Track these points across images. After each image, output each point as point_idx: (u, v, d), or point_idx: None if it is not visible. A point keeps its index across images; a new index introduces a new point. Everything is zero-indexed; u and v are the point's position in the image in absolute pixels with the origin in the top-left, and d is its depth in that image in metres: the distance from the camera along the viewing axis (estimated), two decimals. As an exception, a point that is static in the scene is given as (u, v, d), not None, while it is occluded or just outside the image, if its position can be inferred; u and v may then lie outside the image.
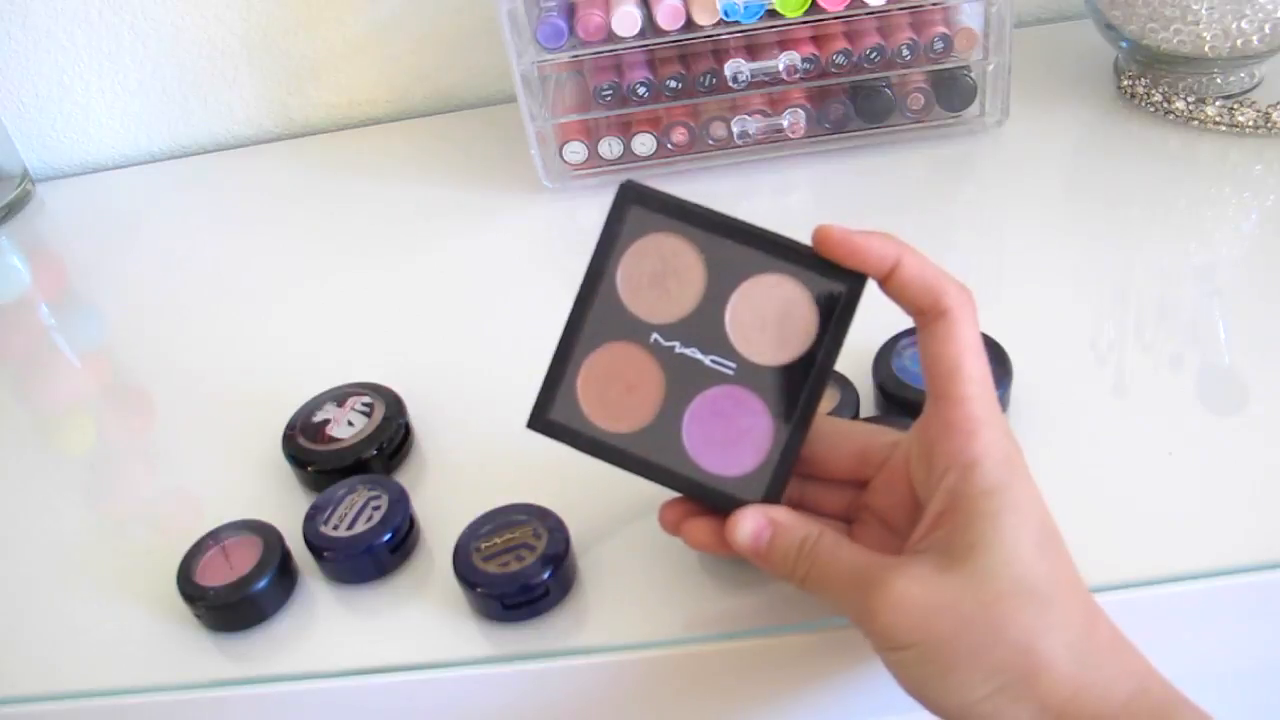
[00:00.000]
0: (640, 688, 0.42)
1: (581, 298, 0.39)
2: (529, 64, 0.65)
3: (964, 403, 0.35)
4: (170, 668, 0.44)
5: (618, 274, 0.39)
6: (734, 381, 0.39)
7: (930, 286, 0.36)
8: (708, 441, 0.39)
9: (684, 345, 0.39)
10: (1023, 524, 0.34)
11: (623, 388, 0.39)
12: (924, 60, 0.65)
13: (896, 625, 0.34)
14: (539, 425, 0.40)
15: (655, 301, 0.39)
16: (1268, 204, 0.60)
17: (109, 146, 0.86)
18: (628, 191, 0.39)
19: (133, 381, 0.63)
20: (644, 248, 0.39)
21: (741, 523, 0.38)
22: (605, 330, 0.39)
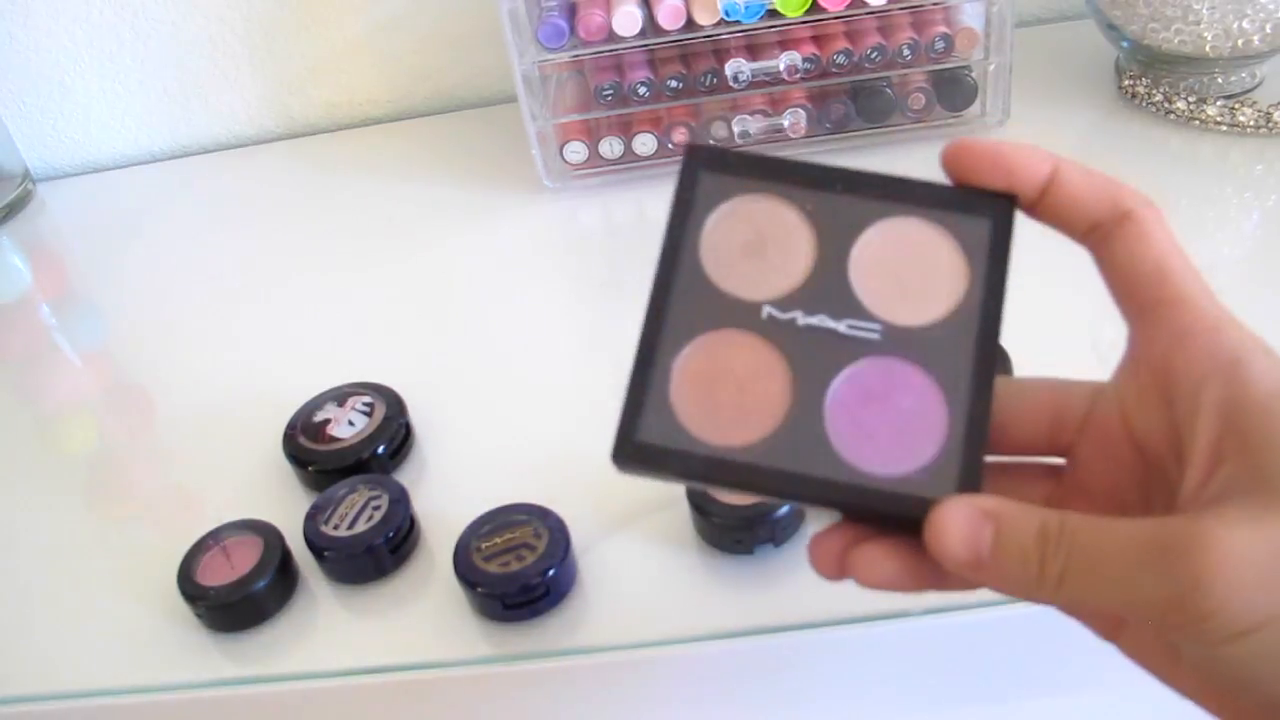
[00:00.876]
0: (640, 688, 0.42)
1: (659, 286, 0.31)
2: (530, 64, 0.65)
3: (1189, 300, 0.28)
4: (170, 668, 0.44)
5: (700, 251, 0.31)
6: (882, 351, 0.30)
7: (1103, 190, 0.29)
8: (863, 435, 0.29)
9: (808, 314, 0.30)
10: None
11: (733, 388, 0.30)
12: (925, 60, 0.65)
13: (1237, 597, 0.23)
14: (629, 454, 0.29)
15: (755, 274, 0.31)
16: (1269, 204, 0.60)
17: (110, 146, 0.86)
18: (696, 156, 0.32)
19: (133, 381, 0.63)
20: (727, 216, 0.32)
21: (946, 526, 0.27)
22: (697, 319, 0.31)
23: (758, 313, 0.31)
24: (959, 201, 0.31)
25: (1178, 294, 0.28)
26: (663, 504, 0.46)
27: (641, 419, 0.30)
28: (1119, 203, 0.29)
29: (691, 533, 0.45)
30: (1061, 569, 0.26)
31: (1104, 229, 0.29)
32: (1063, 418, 0.31)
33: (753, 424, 0.30)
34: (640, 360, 0.30)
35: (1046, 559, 0.26)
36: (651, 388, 0.30)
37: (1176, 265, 0.28)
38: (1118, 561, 0.25)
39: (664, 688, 0.43)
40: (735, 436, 0.30)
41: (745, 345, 0.30)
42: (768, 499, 0.31)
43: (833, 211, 0.31)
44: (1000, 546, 0.27)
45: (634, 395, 0.30)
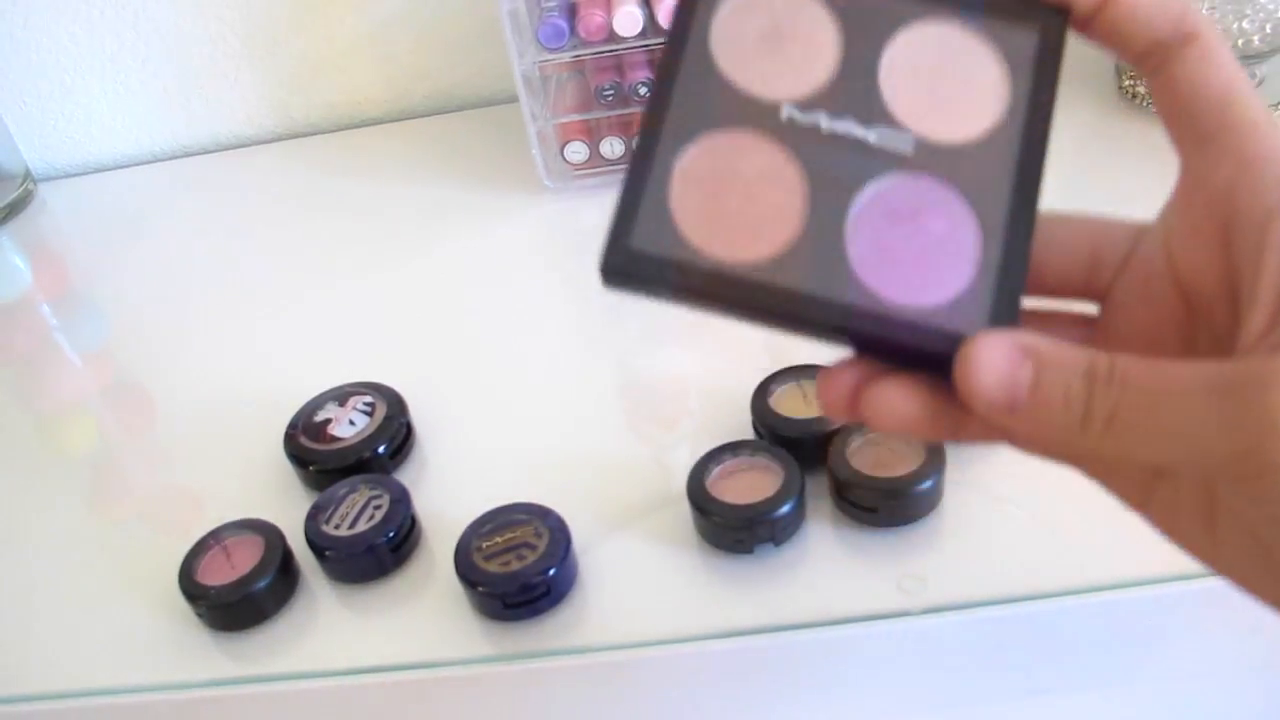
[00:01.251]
0: (640, 687, 0.42)
1: (663, 75, 0.27)
2: (530, 64, 0.65)
3: (1260, 126, 0.25)
4: (171, 667, 0.44)
5: (710, 37, 0.27)
6: (913, 167, 0.27)
7: (1167, 7, 0.26)
8: (888, 259, 0.26)
9: (833, 117, 0.27)
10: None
11: (741, 195, 0.26)
12: (925, 60, 0.65)
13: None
14: (620, 264, 0.26)
15: (773, 70, 0.27)
16: (1269, 204, 0.60)
17: (111, 146, 0.86)
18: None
19: (134, 381, 0.63)
20: (741, 2, 0.28)
21: (980, 362, 0.24)
22: (704, 115, 0.27)
23: (776, 113, 0.27)
24: (1006, 9, 0.28)
25: (1245, 118, 0.25)
26: (663, 504, 0.46)
27: (636, 224, 0.26)
28: (1183, 22, 0.26)
29: (691, 532, 0.45)
30: (1111, 412, 0.23)
31: (1165, 50, 0.26)
32: (1101, 257, 0.29)
33: (762, 237, 0.26)
34: (637, 157, 0.27)
35: (1095, 401, 0.23)
36: (649, 190, 0.26)
37: (1243, 90, 0.26)
38: (1179, 405, 0.23)
39: (664, 688, 0.43)
40: (742, 250, 0.26)
41: (758, 149, 0.27)
42: (773, 325, 0.26)
43: (863, 7, 0.28)
44: (1042, 386, 0.24)
45: (629, 197, 0.26)
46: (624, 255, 0.26)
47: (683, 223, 0.26)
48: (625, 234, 0.26)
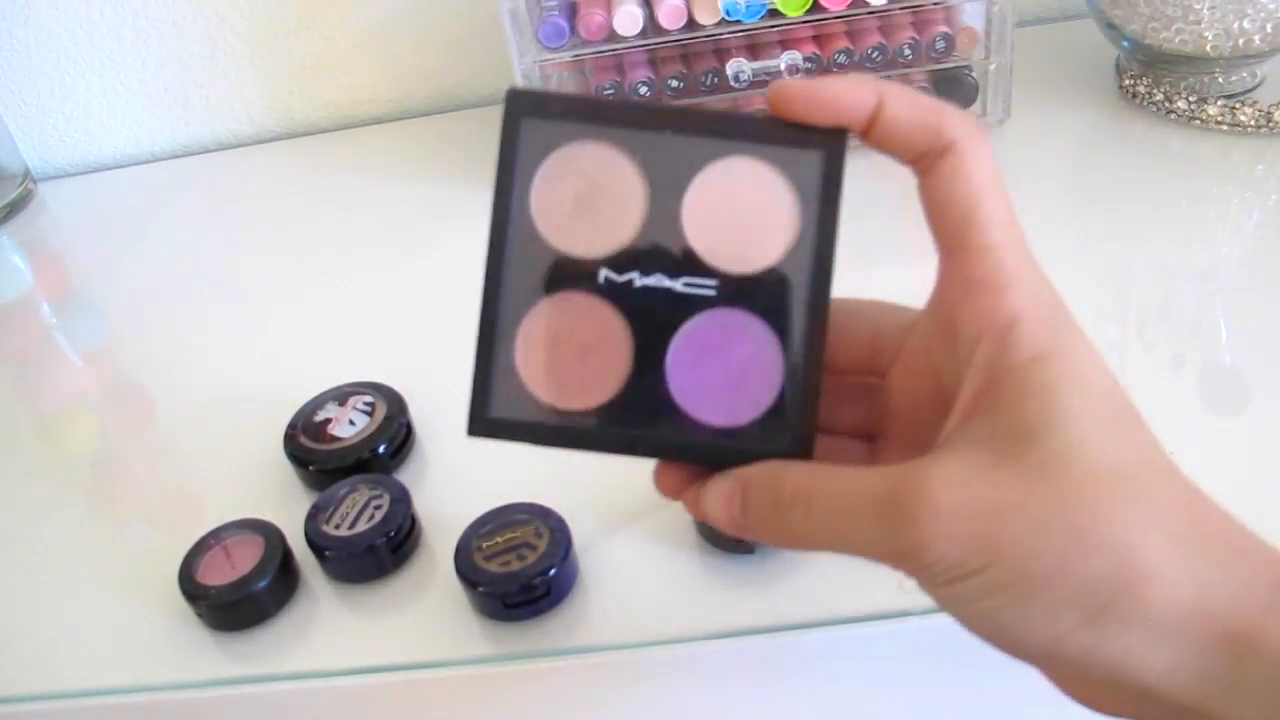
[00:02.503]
0: (640, 688, 0.42)
1: (494, 251, 0.30)
2: (530, 63, 0.65)
3: (987, 252, 0.28)
4: (171, 667, 0.44)
5: (531, 207, 0.30)
6: (719, 304, 0.30)
7: (926, 120, 0.28)
8: (703, 389, 0.30)
9: (644, 274, 0.30)
10: (1089, 393, 0.27)
11: (577, 351, 0.30)
12: (926, 60, 0.65)
13: (950, 546, 0.25)
14: (481, 429, 0.31)
15: (589, 230, 0.30)
16: (1269, 203, 0.60)
17: (111, 145, 0.86)
18: (516, 102, 0.30)
19: (134, 381, 0.63)
20: (556, 167, 0.30)
21: (707, 495, 0.30)
22: (535, 285, 0.30)
23: (595, 275, 0.30)
24: (790, 137, 0.30)
25: (981, 242, 0.28)
26: (663, 504, 0.46)
27: (491, 393, 0.31)
28: (941, 133, 0.28)
29: (692, 533, 0.45)
30: (801, 520, 0.28)
31: (927, 160, 0.29)
32: (880, 345, 0.32)
33: (597, 388, 0.30)
34: (483, 332, 0.31)
35: (786, 513, 0.28)
36: (497, 359, 0.31)
37: (984, 211, 0.28)
38: (847, 513, 0.27)
39: (664, 688, 0.43)
40: (582, 401, 0.30)
41: (586, 307, 0.30)
42: (624, 456, 0.30)
43: (664, 155, 0.30)
44: (748, 508, 0.29)
45: (482, 368, 0.31)
46: (485, 423, 0.31)
47: (531, 382, 0.30)
48: (484, 405, 0.31)
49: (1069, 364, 0.27)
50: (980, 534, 0.25)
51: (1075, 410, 0.26)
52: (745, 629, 0.41)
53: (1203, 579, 0.25)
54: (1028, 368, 0.27)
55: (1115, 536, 0.25)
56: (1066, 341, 0.27)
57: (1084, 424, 0.26)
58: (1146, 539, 0.25)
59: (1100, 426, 0.26)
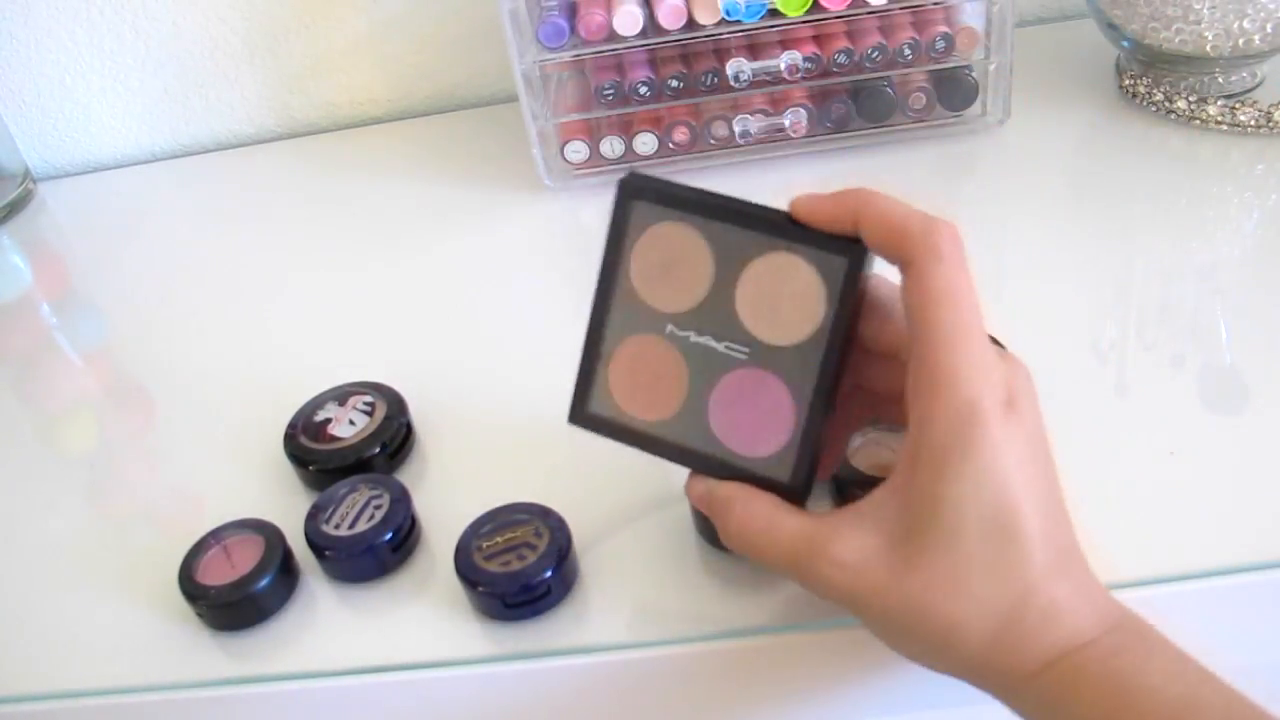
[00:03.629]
0: (640, 688, 0.42)
1: (600, 294, 0.40)
2: (530, 63, 0.65)
3: (923, 359, 0.33)
4: (171, 667, 0.44)
5: (631, 268, 0.40)
6: (751, 365, 0.39)
7: (889, 238, 0.34)
8: (733, 425, 0.39)
9: (699, 334, 0.39)
10: (968, 507, 0.33)
11: (650, 377, 0.40)
12: (926, 60, 0.65)
13: (831, 597, 0.36)
14: (580, 419, 0.41)
15: (668, 292, 0.39)
16: (1269, 203, 0.60)
17: (110, 145, 0.86)
18: (627, 186, 0.39)
19: (134, 380, 0.63)
20: (652, 239, 0.39)
21: (695, 483, 0.40)
22: (626, 324, 0.40)
23: (664, 325, 0.40)
24: (826, 242, 0.37)
25: (918, 350, 0.34)
26: (663, 504, 0.46)
27: (590, 395, 0.41)
28: (902, 249, 0.34)
29: (692, 533, 0.45)
30: (738, 542, 0.38)
31: (901, 267, 0.35)
32: None
33: (661, 407, 0.40)
34: (588, 351, 0.41)
35: (727, 529, 0.38)
36: (596, 372, 0.41)
37: (930, 317, 0.33)
38: (772, 553, 0.37)
39: (664, 688, 0.43)
40: (650, 414, 0.40)
41: (659, 348, 0.40)
42: (673, 462, 0.40)
43: (731, 243, 0.38)
44: (710, 506, 0.39)
45: (584, 376, 0.41)
46: (584, 416, 0.41)
47: (616, 394, 0.41)
48: (586, 402, 0.41)
49: (962, 474, 0.33)
50: (853, 599, 0.35)
51: (950, 521, 0.33)
52: (745, 629, 0.41)
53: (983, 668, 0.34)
54: (929, 470, 0.33)
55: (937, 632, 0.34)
56: (967, 449, 0.33)
57: (954, 536, 0.33)
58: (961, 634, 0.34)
59: (968, 544, 0.33)
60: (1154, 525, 0.42)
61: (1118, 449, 0.46)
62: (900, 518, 0.34)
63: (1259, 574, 0.40)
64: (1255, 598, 0.41)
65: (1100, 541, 0.39)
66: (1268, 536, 0.41)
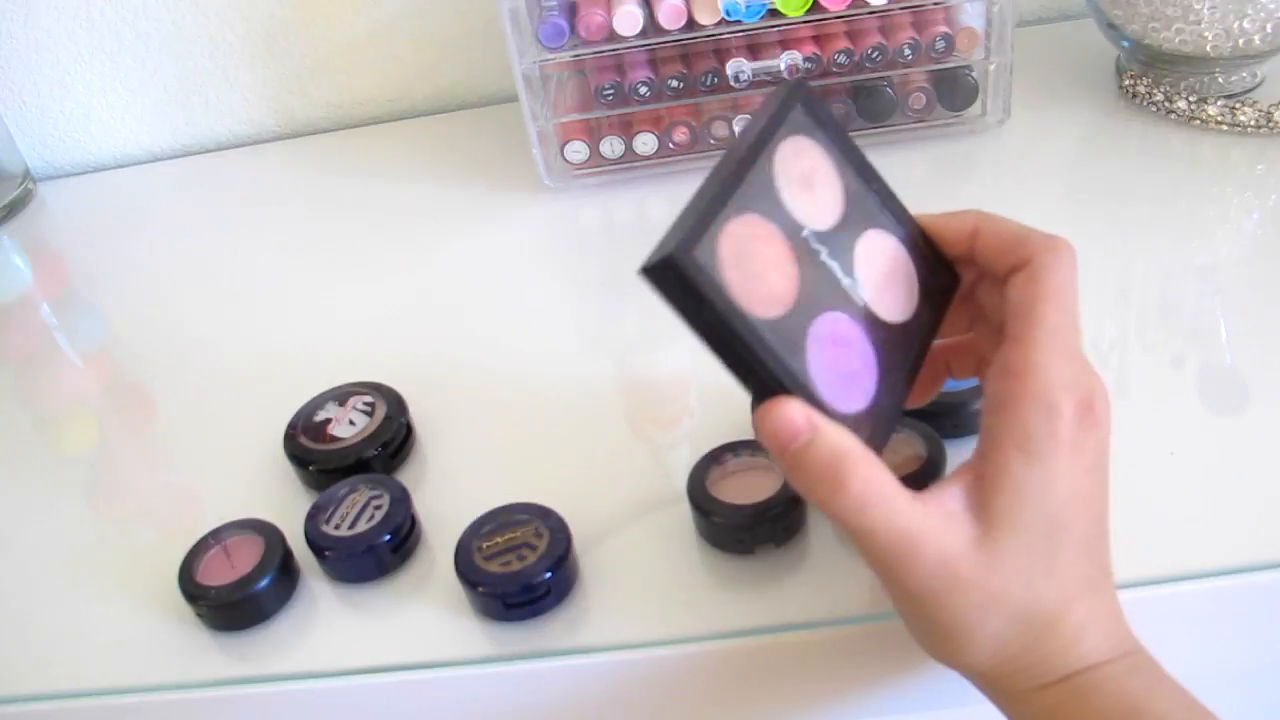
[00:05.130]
0: (640, 688, 0.42)
1: (737, 157, 0.35)
2: (530, 63, 0.65)
3: (1024, 344, 0.34)
4: (171, 667, 0.44)
5: (775, 156, 0.37)
6: (859, 316, 0.36)
7: (1013, 238, 0.37)
8: (825, 365, 0.35)
9: (830, 255, 0.36)
10: (1043, 500, 0.33)
11: (758, 266, 0.34)
12: (925, 60, 0.65)
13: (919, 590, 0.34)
14: (678, 260, 0.32)
15: (803, 200, 0.37)
16: (1269, 203, 0.60)
17: (111, 146, 0.86)
18: (798, 89, 0.38)
19: (134, 381, 0.63)
20: (798, 147, 0.37)
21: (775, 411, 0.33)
22: (757, 201, 0.35)
23: (799, 229, 0.36)
24: (931, 258, 0.39)
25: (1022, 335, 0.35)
26: (663, 504, 0.46)
27: (699, 244, 0.33)
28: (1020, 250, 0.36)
29: (692, 533, 0.45)
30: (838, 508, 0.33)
31: (1012, 272, 0.37)
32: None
33: (760, 302, 0.34)
34: (704, 199, 0.34)
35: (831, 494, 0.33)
36: (711, 227, 0.34)
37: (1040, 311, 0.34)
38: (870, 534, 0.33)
39: (664, 688, 0.43)
40: (746, 302, 0.33)
41: (779, 243, 0.35)
42: (733, 363, 0.34)
43: (861, 199, 0.38)
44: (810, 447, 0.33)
45: (695, 222, 0.33)
46: (688, 260, 0.32)
47: (723, 260, 0.33)
48: (688, 246, 0.32)
49: (1038, 474, 0.33)
50: (937, 595, 0.33)
51: (1028, 511, 0.33)
52: (745, 629, 0.41)
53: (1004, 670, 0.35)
54: (1011, 459, 0.33)
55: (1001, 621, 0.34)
56: (1043, 448, 0.33)
57: (1032, 526, 0.33)
58: (1018, 621, 0.34)
59: (1027, 555, 0.33)
60: (1154, 525, 0.42)
61: (1118, 449, 0.46)
62: (989, 504, 0.34)
63: (1259, 574, 0.40)
64: (1255, 598, 0.41)
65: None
66: (1268, 536, 0.41)
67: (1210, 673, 0.42)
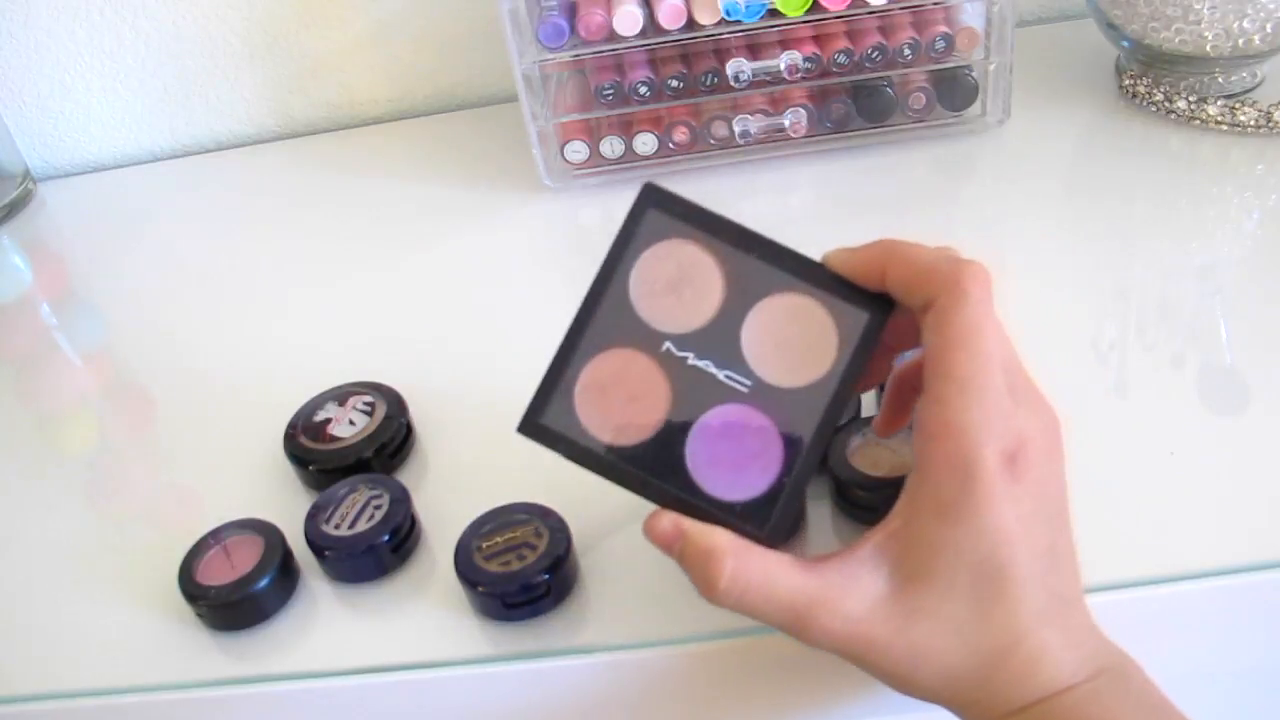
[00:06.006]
0: (640, 688, 0.42)
1: (590, 298, 0.37)
2: (530, 63, 0.65)
3: (933, 403, 0.33)
4: (171, 667, 0.44)
5: (631, 277, 0.37)
6: (747, 400, 0.36)
7: (918, 274, 0.35)
8: (712, 463, 0.36)
9: (698, 357, 0.36)
10: (962, 558, 0.33)
11: (625, 397, 0.37)
12: (925, 60, 0.65)
13: (833, 649, 0.35)
14: (529, 430, 0.37)
15: (669, 309, 0.37)
16: (1269, 203, 0.60)
17: (110, 145, 0.86)
18: (649, 194, 0.38)
19: (134, 381, 0.63)
20: (661, 253, 0.37)
21: (654, 528, 0.37)
22: (612, 334, 0.37)
23: (660, 343, 0.37)
24: (849, 294, 0.37)
25: (931, 392, 0.34)
26: (663, 504, 0.46)
27: (548, 405, 0.37)
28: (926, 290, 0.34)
29: (692, 532, 0.45)
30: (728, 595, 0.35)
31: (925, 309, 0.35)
32: None
33: (631, 431, 0.36)
34: (559, 358, 0.37)
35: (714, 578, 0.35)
36: (561, 382, 0.37)
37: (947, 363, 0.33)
38: (766, 611, 0.35)
39: (664, 688, 0.43)
40: (615, 438, 0.36)
41: (643, 367, 0.37)
42: (624, 487, 0.37)
43: (747, 274, 0.37)
44: (685, 555, 0.36)
45: (547, 384, 0.37)
46: (534, 426, 0.37)
47: (581, 410, 0.37)
48: (539, 411, 0.37)
49: (954, 533, 0.33)
50: (855, 651, 0.34)
51: (942, 579, 0.33)
52: (745, 629, 0.41)
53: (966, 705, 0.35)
54: (928, 516, 0.33)
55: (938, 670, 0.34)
56: (960, 512, 0.33)
57: (943, 594, 0.33)
58: (959, 666, 0.34)
59: (955, 608, 0.33)
60: (1154, 525, 0.42)
61: (1118, 449, 0.46)
62: (901, 563, 0.34)
63: (1258, 574, 0.40)
64: (1255, 598, 0.41)
65: (1100, 541, 0.39)
66: (1268, 536, 0.41)
67: (1209, 673, 0.42)
